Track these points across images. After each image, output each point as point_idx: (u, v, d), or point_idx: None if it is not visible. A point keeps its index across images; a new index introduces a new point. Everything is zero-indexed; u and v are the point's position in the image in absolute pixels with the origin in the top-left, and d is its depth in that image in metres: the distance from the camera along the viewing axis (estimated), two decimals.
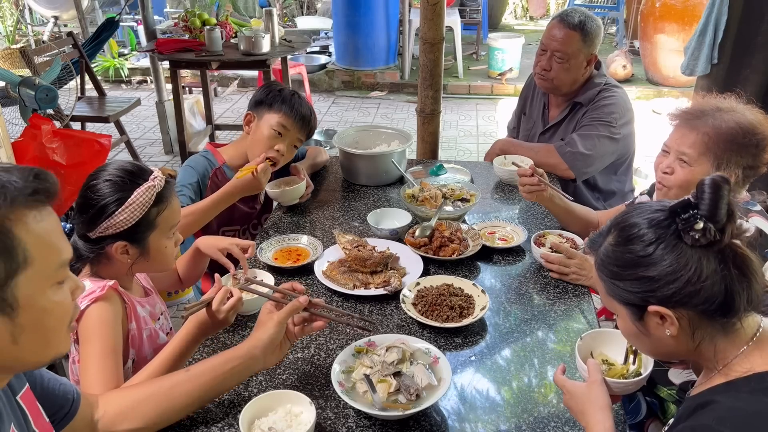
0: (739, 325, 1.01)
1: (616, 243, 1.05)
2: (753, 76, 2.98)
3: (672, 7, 5.98)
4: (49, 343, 0.85)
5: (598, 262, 1.08)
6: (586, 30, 2.33)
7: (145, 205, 1.37)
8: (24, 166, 0.82)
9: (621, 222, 1.06)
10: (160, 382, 1.22)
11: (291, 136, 2.09)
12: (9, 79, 3.30)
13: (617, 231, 1.06)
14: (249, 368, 1.24)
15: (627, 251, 1.02)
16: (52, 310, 0.83)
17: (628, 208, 1.10)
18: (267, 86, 2.16)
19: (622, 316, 1.08)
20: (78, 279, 0.90)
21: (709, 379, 1.04)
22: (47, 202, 0.83)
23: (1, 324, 0.78)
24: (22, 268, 0.78)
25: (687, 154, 1.56)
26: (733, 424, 0.90)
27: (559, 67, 2.37)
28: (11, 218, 0.77)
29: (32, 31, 7.99)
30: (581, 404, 1.16)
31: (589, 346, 1.30)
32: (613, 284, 1.05)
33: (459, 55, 6.76)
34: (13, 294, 0.78)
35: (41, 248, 0.80)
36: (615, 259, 1.04)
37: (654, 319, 1.02)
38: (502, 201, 2.28)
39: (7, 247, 0.76)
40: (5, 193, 0.76)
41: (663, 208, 1.01)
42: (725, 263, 0.97)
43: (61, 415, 1.07)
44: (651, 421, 1.63)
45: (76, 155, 3.18)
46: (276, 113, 2.06)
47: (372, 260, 1.73)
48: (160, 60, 4.55)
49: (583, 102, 2.40)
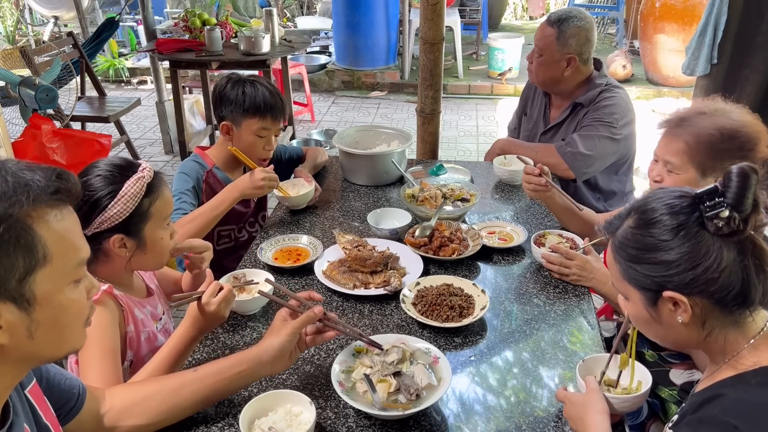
0: (750, 318, 1.01)
1: (637, 226, 1.04)
2: (753, 76, 2.99)
3: (672, 7, 5.98)
4: (64, 340, 0.86)
5: (616, 245, 1.07)
6: (562, 29, 2.35)
7: (137, 196, 1.38)
8: (47, 166, 0.84)
9: (642, 205, 1.05)
10: (167, 379, 1.23)
11: (274, 129, 2.10)
12: (9, 79, 3.30)
13: (638, 214, 1.05)
14: (256, 373, 1.24)
15: (648, 234, 1.01)
16: (68, 307, 0.85)
17: (649, 192, 1.09)
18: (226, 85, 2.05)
19: (635, 301, 1.07)
20: (94, 278, 0.91)
21: (715, 372, 1.04)
22: (68, 201, 0.84)
23: (19, 319, 0.79)
24: (41, 264, 0.79)
25: (672, 163, 1.57)
26: (739, 415, 0.91)
27: (537, 61, 2.44)
28: (33, 216, 0.78)
29: (32, 31, 7.99)
30: (580, 411, 1.17)
31: (592, 369, 1.31)
32: (629, 267, 1.05)
33: (459, 55, 6.76)
34: (31, 290, 0.79)
35: (60, 246, 0.82)
36: (634, 242, 1.03)
37: (667, 305, 1.02)
38: (502, 201, 2.28)
39: (28, 244, 0.78)
40: (29, 191, 0.78)
41: (686, 194, 1.01)
42: (744, 254, 0.97)
43: (67, 409, 1.08)
44: (652, 422, 1.62)
45: (76, 155, 3.18)
46: (251, 119, 2.03)
47: (372, 260, 1.73)
48: (160, 60, 4.55)
49: (584, 103, 2.40)
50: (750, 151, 1.49)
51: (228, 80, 2.07)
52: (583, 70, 2.42)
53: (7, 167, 0.80)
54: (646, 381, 1.26)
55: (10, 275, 0.77)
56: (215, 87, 2.11)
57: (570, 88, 2.46)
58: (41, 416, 0.97)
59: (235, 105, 2.03)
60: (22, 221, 0.77)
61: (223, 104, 2.06)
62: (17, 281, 0.78)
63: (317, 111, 6.22)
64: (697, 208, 0.98)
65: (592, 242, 1.78)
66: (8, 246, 0.76)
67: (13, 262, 0.77)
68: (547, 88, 2.55)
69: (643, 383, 1.26)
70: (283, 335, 1.24)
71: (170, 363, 1.31)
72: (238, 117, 2.04)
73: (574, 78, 2.43)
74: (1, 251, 0.76)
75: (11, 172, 0.79)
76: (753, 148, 1.48)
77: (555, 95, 2.55)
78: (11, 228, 0.76)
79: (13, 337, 0.80)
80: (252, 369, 1.23)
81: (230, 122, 2.06)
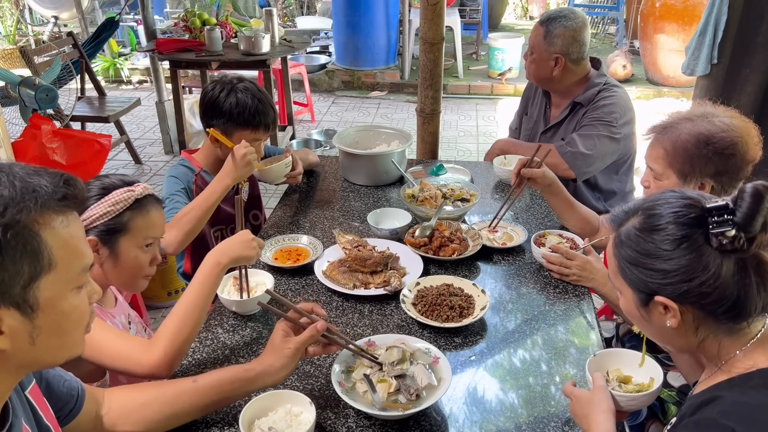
0: (746, 326, 1.01)
1: (640, 229, 1.03)
2: (753, 76, 2.99)
3: (672, 7, 5.98)
4: (65, 345, 0.86)
5: (617, 241, 1.07)
6: (549, 29, 2.37)
7: (119, 204, 1.39)
8: (54, 171, 0.83)
9: (649, 208, 1.03)
10: (166, 386, 1.23)
11: (264, 138, 2.08)
12: (9, 79, 3.30)
13: (644, 216, 1.04)
14: (256, 387, 1.24)
15: (649, 240, 1.01)
16: (70, 313, 0.84)
17: (658, 194, 1.06)
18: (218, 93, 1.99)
19: (627, 298, 1.09)
20: (95, 284, 0.91)
21: (711, 376, 1.04)
22: (74, 207, 0.84)
23: (21, 324, 0.79)
24: (45, 271, 0.79)
25: (654, 169, 1.59)
26: (737, 417, 0.90)
27: (530, 59, 2.48)
28: (40, 222, 0.78)
29: (32, 31, 7.99)
30: (585, 408, 1.17)
31: (602, 364, 1.29)
32: (626, 266, 1.05)
33: (459, 55, 6.76)
34: (35, 296, 0.79)
35: (65, 253, 0.81)
36: (635, 244, 1.03)
37: (658, 308, 1.02)
38: (502, 201, 2.27)
39: (34, 250, 0.77)
40: (36, 197, 0.77)
41: (695, 204, 0.99)
42: (745, 270, 0.96)
43: (66, 410, 1.08)
44: (651, 423, 1.63)
45: (76, 155, 3.18)
46: (244, 130, 1.99)
47: (372, 260, 1.73)
48: (160, 60, 4.55)
49: (583, 102, 2.40)
50: (731, 156, 1.48)
51: (218, 86, 2.01)
52: (575, 69, 2.42)
53: (15, 172, 0.79)
54: (658, 378, 1.24)
55: (15, 281, 0.76)
56: (204, 92, 2.05)
57: (566, 87, 2.47)
58: (42, 416, 0.97)
59: (228, 117, 1.98)
60: (29, 227, 0.77)
61: (214, 113, 2.00)
62: (22, 287, 0.77)
63: (317, 111, 6.22)
64: (704, 222, 0.96)
65: (592, 242, 1.78)
66: (15, 252, 0.75)
67: (18, 268, 0.76)
68: (542, 86, 2.58)
69: (655, 380, 1.24)
70: (286, 355, 1.21)
71: (195, 308, 1.35)
72: (230, 128, 1.99)
73: (565, 77, 2.43)
74: (8, 257, 0.75)
75: (19, 177, 0.78)
76: (734, 153, 1.46)
77: (554, 94, 2.55)
78: (18, 234, 0.75)
79: (14, 343, 0.79)
80: (252, 385, 1.23)
81: (219, 130, 2.00)
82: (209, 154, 2.12)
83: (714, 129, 1.48)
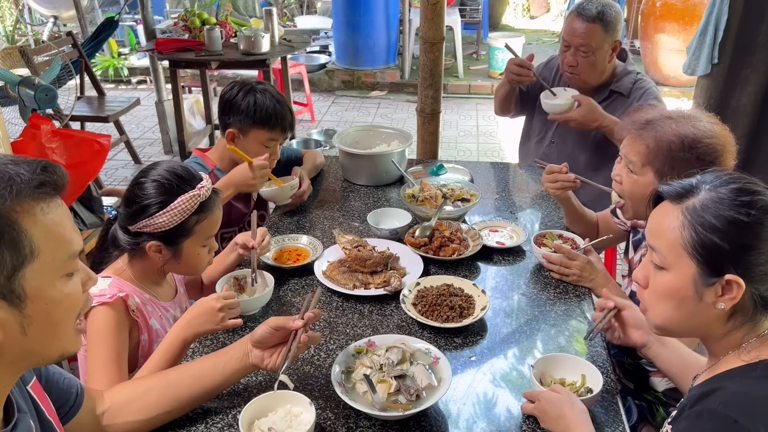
0: (764, 318, 1.00)
1: (734, 199, 0.97)
2: (753, 76, 2.98)
3: (672, 7, 5.97)
4: (57, 335, 0.85)
5: (695, 208, 0.99)
6: (606, 20, 2.29)
7: (186, 213, 1.39)
8: (33, 159, 0.82)
9: (748, 181, 0.99)
10: (166, 372, 1.25)
11: (280, 140, 2.08)
12: (8, 78, 3.29)
13: (740, 185, 0.99)
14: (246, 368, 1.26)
15: (746, 213, 0.95)
16: (61, 301, 0.83)
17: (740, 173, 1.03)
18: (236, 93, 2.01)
19: (681, 274, 1.00)
20: (90, 271, 0.90)
21: (715, 365, 1.03)
22: (55, 194, 0.83)
23: (11, 315, 0.78)
24: (28, 260, 0.78)
25: (633, 162, 1.56)
26: (739, 407, 0.90)
27: (585, 61, 2.33)
28: (18, 210, 0.77)
29: (32, 30, 7.98)
30: (558, 408, 1.17)
31: (543, 370, 1.34)
32: (704, 236, 0.97)
33: (459, 54, 6.76)
34: (21, 285, 0.78)
35: (48, 240, 0.80)
36: (726, 214, 0.96)
37: (717, 288, 0.97)
38: (502, 201, 2.28)
39: (14, 239, 0.77)
40: (11, 186, 0.77)
41: None
42: None
43: (65, 409, 1.08)
44: (643, 426, 1.62)
45: (75, 155, 3.17)
46: (261, 129, 1.99)
47: (372, 260, 1.73)
48: (159, 60, 4.55)
49: (623, 91, 2.37)
50: (710, 164, 1.44)
51: (236, 87, 2.02)
52: (614, 55, 2.39)
53: None
54: (589, 374, 1.31)
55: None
56: (223, 93, 2.07)
57: (601, 79, 2.41)
58: (43, 411, 0.97)
59: (245, 115, 1.98)
60: (6, 217, 0.76)
61: (231, 112, 2.01)
62: (6, 278, 0.76)
63: (317, 111, 6.22)
64: None
65: (592, 242, 1.78)
66: None
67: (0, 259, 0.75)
68: (588, 83, 2.41)
69: (587, 377, 1.31)
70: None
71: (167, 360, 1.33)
72: (246, 127, 2.00)
73: (611, 64, 2.40)
74: None
75: None
76: (714, 161, 1.44)
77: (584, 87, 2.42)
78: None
79: (6, 334, 0.79)
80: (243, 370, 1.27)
81: (236, 130, 2.01)
82: (223, 151, 2.10)
83: (699, 134, 1.46)
